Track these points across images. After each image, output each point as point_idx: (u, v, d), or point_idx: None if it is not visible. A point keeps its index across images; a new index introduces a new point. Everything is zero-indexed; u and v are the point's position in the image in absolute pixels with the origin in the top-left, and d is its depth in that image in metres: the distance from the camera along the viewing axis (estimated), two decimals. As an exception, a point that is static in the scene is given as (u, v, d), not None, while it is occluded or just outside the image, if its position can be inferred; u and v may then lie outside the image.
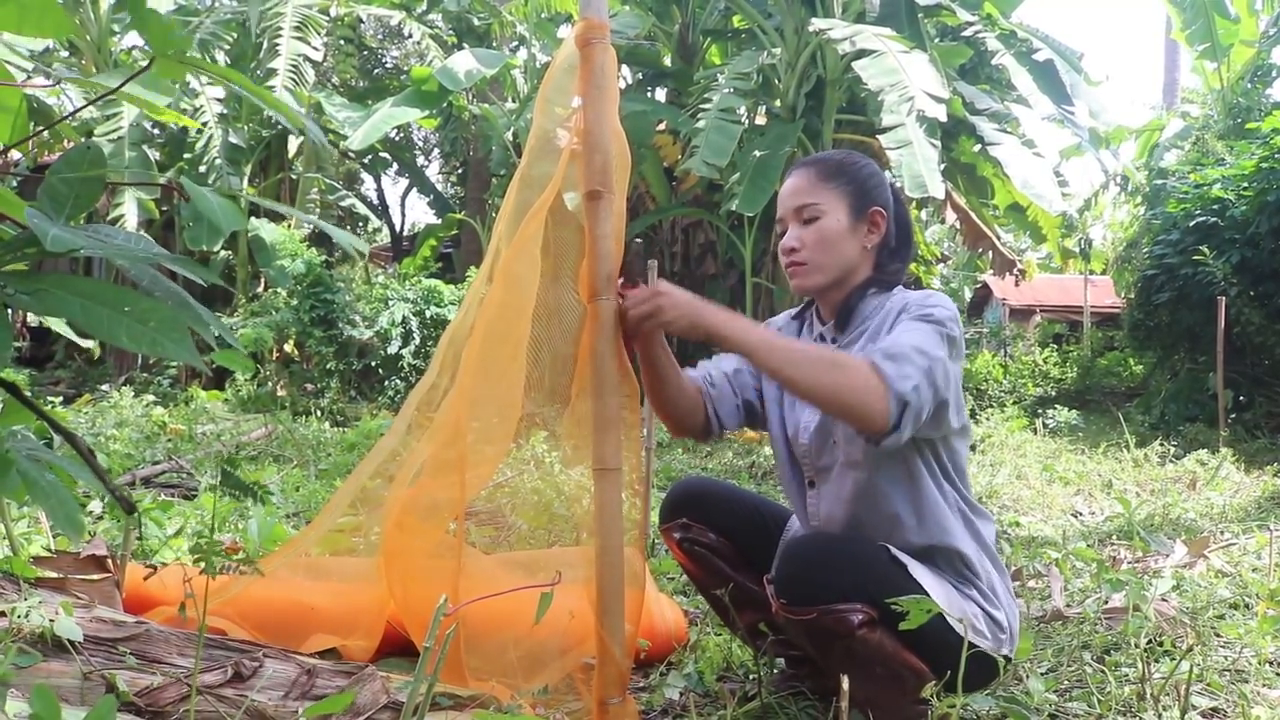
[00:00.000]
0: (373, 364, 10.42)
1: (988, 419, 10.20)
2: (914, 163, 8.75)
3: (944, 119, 8.76)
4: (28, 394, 1.15)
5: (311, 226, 11.72)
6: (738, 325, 1.71)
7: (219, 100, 11.69)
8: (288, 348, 10.32)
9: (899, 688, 1.76)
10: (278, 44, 11.41)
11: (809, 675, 2.13)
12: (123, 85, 1.20)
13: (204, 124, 11.50)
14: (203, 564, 1.61)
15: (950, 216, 12.14)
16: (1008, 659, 1.85)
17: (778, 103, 11.18)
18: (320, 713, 1.48)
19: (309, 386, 10.24)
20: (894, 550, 1.80)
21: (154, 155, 11.47)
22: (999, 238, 12.80)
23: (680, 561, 2.18)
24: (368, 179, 18.67)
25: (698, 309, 1.72)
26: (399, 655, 2.22)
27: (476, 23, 14.30)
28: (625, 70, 13.57)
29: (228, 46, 12.00)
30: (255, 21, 11.40)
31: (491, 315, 1.80)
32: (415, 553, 1.95)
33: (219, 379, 10.66)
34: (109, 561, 2.05)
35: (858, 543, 1.83)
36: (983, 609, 1.84)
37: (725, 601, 2.06)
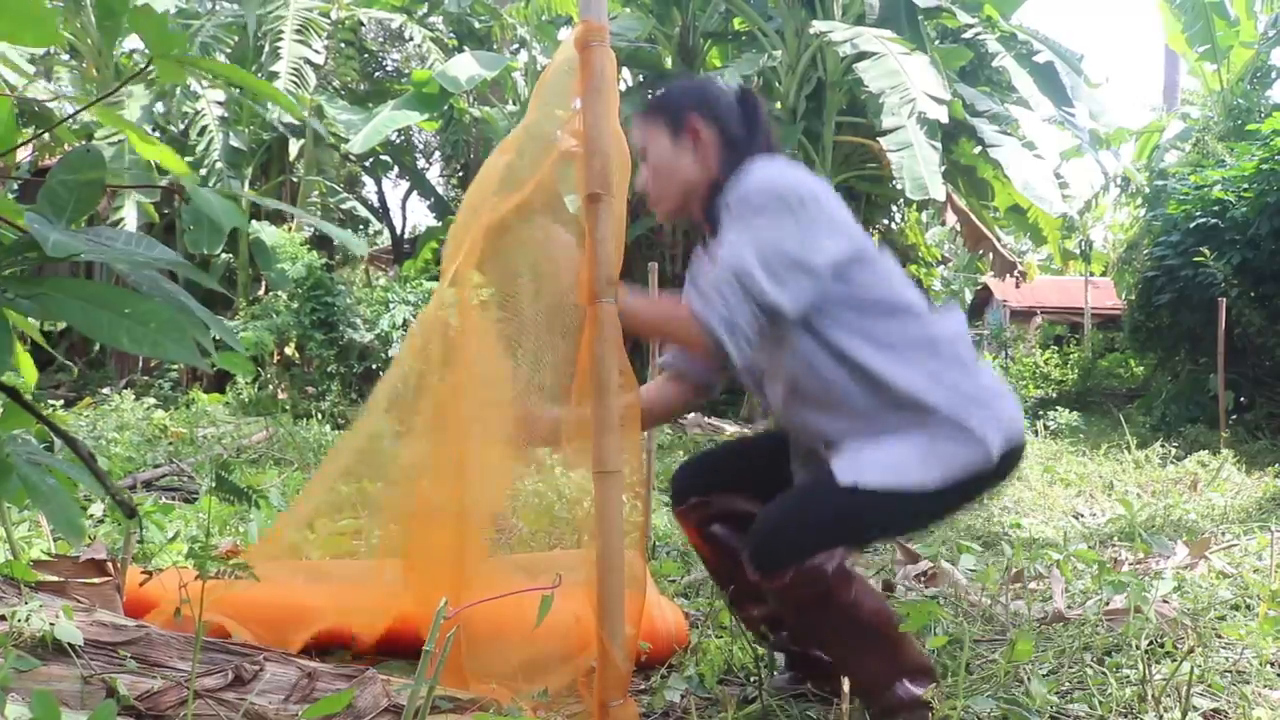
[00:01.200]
0: (374, 367, 10.41)
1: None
2: (914, 165, 8.75)
3: (945, 120, 8.76)
4: (28, 398, 1.15)
5: (312, 229, 11.72)
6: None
7: (219, 103, 11.69)
8: (288, 350, 10.32)
9: (883, 650, 1.87)
10: (279, 47, 11.41)
11: (812, 675, 2.13)
12: (121, 85, 1.20)
13: (204, 127, 11.50)
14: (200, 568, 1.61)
15: (951, 218, 12.14)
16: (1006, 458, 1.86)
17: (778, 105, 11.18)
18: (319, 714, 1.48)
19: (310, 389, 10.23)
20: (843, 474, 1.81)
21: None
22: (999, 239, 12.79)
23: (696, 546, 2.21)
24: (369, 182, 18.67)
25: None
26: (400, 658, 2.22)
27: (477, 26, 14.30)
28: (626, 73, 13.56)
29: (228, 50, 12.00)
30: (254, 25, 11.40)
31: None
32: (445, 554, 1.95)
33: (220, 382, 10.66)
34: (109, 565, 2.05)
35: (812, 494, 1.90)
36: (950, 435, 1.82)
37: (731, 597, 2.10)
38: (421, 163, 19.02)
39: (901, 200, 12.92)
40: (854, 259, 1.85)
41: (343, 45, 13.13)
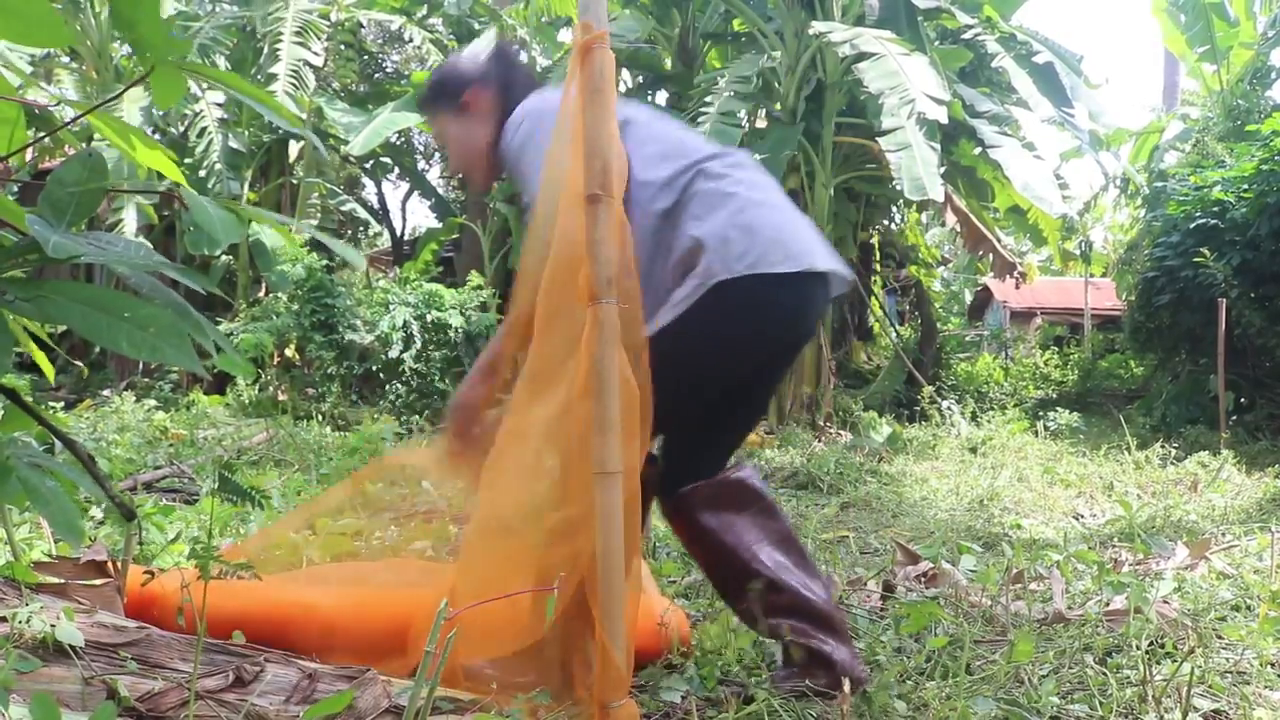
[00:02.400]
0: (374, 368, 10.41)
1: (989, 421, 10.21)
2: (914, 165, 8.75)
3: (945, 121, 8.75)
4: (28, 400, 1.15)
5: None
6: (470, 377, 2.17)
7: (219, 105, 11.69)
8: (288, 352, 10.32)
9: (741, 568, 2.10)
10: (278, 49, 11.41)
11: (810, 669, 2.13)
12: (125, 90, 1.20)
13: (204, 129, 11.50)
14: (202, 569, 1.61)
15: (950, 219, 12.14)
16: (754, 277, 1.95)
17: (778, 106, 11.18)
18: (320, 714, 1.48)
19: (310, 391, 10.23)
20: None
21: (155, 160, 11.44)
22: (999, 240, 12.79)
23: (680, 536, 2.26)
24: (369, 183, 18.68)
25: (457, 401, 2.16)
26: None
27: (477, 27, 14.29)
28: (625, 74, 13.56)
29: (228, 51, 12.00)
30: (259, 26, 11.41)
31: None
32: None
33: (220, 384, 10.66)
34: (110, 566, 2.05)
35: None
36: (695, 267, 1.96)
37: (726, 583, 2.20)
38: (421, 164, 19.03)
39: (901, 201, 12.92)
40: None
41: (342, 47, 13.12)
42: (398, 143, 16.22)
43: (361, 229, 17.94)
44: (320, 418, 8.83)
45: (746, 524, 2.17)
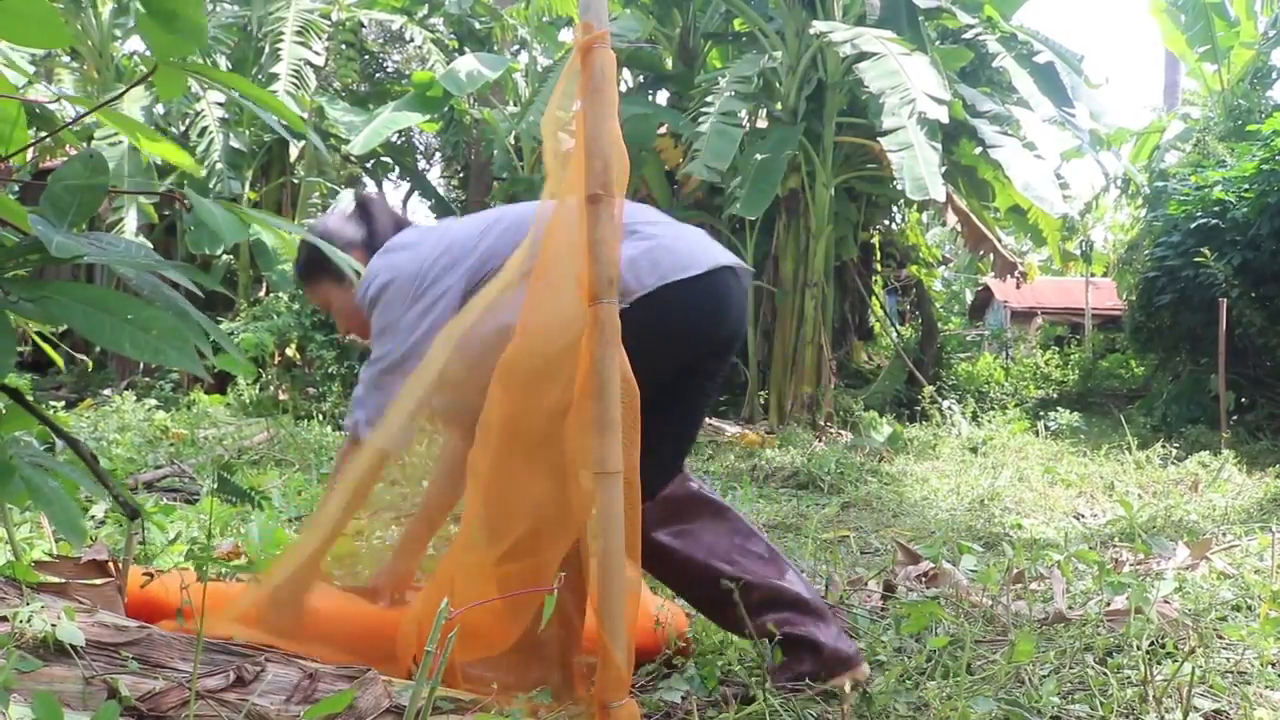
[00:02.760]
0: (374, 368, 10.42)
1: (990, 421, 10.21)
2: (915, 165, 8.75)
3: (945, 121, 8.75)
4: (30, 399, 1.15)
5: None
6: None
7: (220, 105, 11.69)
8: (289, 352, 10.32)
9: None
10: (279, 49, 11.40)
11: (794, 653, 2.13)
12: (128, 90, 1.20)
13: (205, 128, 11.50)
14: (202, 569, 1.61)
15: (951, 219, 12.13)
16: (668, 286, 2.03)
17: (779, 106, 11.18)
18: (320, 714, 1.48)
19: (311, 390, 10.24)
20: None
21: (155, 160, 11.48)
22: (1000, 240, 12.78)
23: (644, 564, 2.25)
24: (369, 183, 18.68)
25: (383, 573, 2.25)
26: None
27: (478, 27, 14.29)
28: (626, 73, 13.56)
29: (229, 51, 12.00)
30: (259, 26, 11.42)
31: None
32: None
33: (221, 383, 10.66)
34: (111, 566, 2.05)
35: None
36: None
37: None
38: (422, 164, 19.04)
39: (902, 201, 12.92)
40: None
41: (343, 47, 13.12)
42: (398, 142, 16.22)
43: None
44: (321, 417, 8.83)
45: (703, 531, 2.20)
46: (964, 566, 3.22)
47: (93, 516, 3.30)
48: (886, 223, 14.42)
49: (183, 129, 12.32)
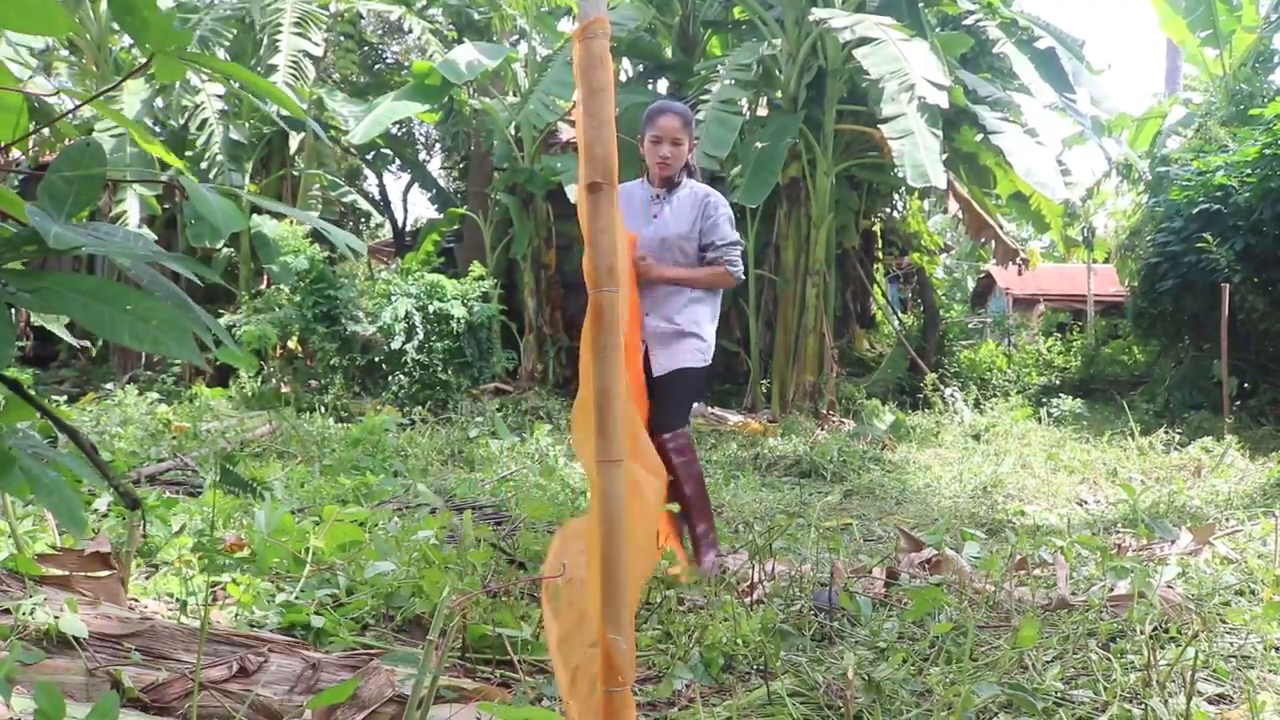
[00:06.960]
0: (376, 359, 10.43)
1: (992, 408, 10.20)
2: (916, 152, 8.73)
3: (945, 105, 8.72)
4: (30, 392, 1.15)
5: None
6: (670, 273, 3.45)
7: (219, 96, 11.67)
8: (291, 344, 10.33)
9: (707, 512, 3.48)
10: (278, 40, 11.38)
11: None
12: (123, 80, 1.20)
13: (204, 121, 11.49)
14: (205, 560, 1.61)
15: (953, 206, 12.11)
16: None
17: (779, 94, 11.15)
18: (323, 704, 1.48)
19: (313, 383, 10.25)
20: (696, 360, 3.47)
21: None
22: (1002, 227, 12.76)
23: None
24: (369, 174, 18.65)
25: (658, 270, 3.41)
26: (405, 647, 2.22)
27: (476, 17, 14.25)
28: (626, 62, 13.52)
29: (228, 43, 11.97)
30: (257, 17, 11.39)
31: None
32: None
33: (223, 376, 10.67)
34: (113, 559, 2.05)
35: (685, 378, 3.46)
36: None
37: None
38: (422, 155, 19.02)
39: (903, 188, 12.90)
40: None
41: (342, 38, 13.10)
42: (398, 133, 16.20)
43: (363, 220, 17.93)
44: (323, 409, 8.85)
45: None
46: (967, 553, 3.22)
47: (95, 510, 3.31)
48: (888, 210, 14.39)
49: (182, 122, 12.30)
